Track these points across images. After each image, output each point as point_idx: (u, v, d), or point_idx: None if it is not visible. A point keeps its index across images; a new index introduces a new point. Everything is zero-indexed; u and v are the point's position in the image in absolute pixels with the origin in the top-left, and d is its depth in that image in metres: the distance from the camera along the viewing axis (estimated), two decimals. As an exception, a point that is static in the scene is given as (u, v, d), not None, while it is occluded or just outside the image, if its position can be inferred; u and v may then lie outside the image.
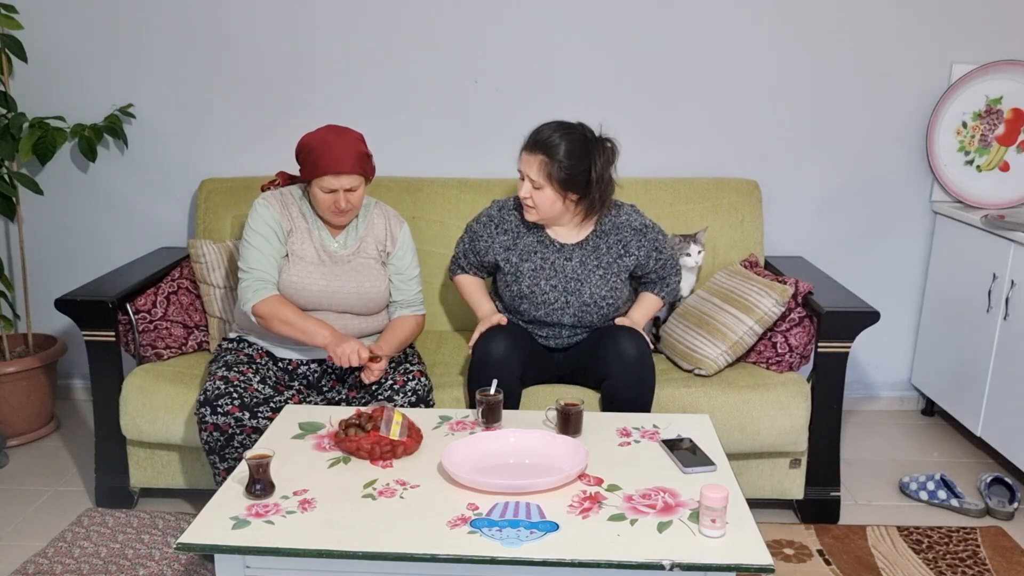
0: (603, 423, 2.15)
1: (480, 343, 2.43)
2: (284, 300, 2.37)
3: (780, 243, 3.30)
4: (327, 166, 2.30)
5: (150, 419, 2.51)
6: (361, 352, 2.25)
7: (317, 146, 2.32)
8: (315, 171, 2.32)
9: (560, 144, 2.36)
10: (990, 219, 2.96)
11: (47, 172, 3.26)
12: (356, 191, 2.36)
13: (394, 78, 3.17)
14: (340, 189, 2.32)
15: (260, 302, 2.35)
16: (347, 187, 2.33)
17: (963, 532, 2.58)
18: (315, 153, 2.31)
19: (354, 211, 2.40)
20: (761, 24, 3.14)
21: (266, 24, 3.13)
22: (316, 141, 2.33)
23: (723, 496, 1.62)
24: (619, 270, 2.52)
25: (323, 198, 2.35)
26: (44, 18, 3.14)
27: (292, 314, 2.34)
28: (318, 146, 2.32)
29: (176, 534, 2.50)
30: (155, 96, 3.20)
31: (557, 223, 2.50)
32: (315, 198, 2.38)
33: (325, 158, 2.30)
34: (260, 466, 1.75)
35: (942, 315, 3.26)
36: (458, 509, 1.72)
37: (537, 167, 2.37)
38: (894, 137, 3.25)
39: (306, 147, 2.35)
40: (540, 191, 2.39)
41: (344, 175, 2.31)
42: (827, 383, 2.59)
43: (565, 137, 2.37)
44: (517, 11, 3.12)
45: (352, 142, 2.34)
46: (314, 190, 2.36)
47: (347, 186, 2.32)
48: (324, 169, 2.30)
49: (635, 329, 2.48)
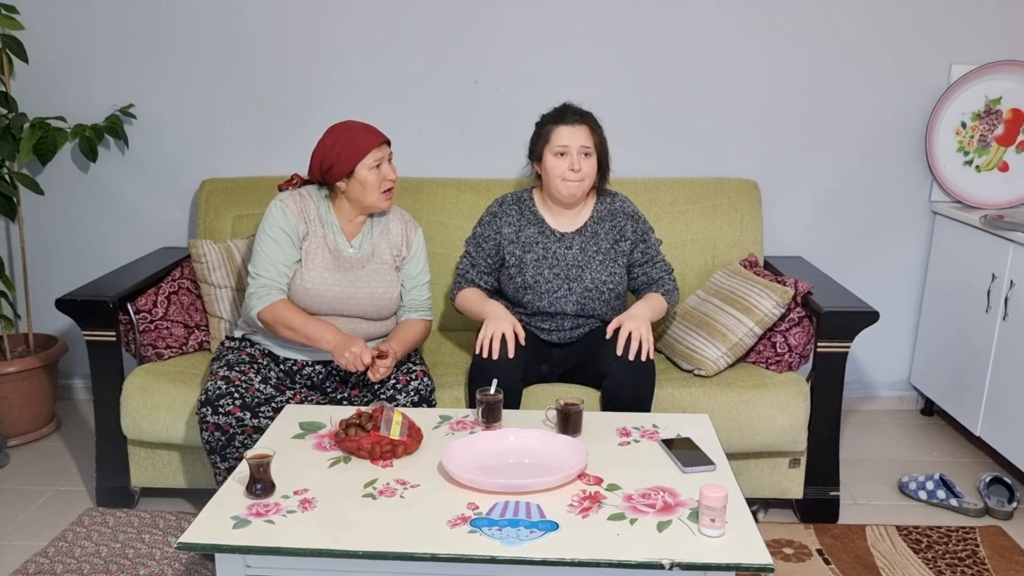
0: (603, 423, 2.15)
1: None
2: (289, 305, 2.37)
3: (780, 243, 3.31)
4: (367, 142, 2.34)
5: (151, 419, 2.51)
6: (364, 357, 2.25)
7: (344, 136, 2.35)
8: (358, 154, 2.33)
9: (590, 115, 2.54)
10: (989, 219, 2.96)
11: (48, 172, 3.26)
12: (391, 162, 2.42)
13: (394, 78, 3.18)
14: (384, 159, 2.37)
15: (265, 308, 2.35)
16: (388, 155, 2.39)
17: (962, 532, 2.58)
18: (349, 141, 2.34)
19: (395, 186, 2.44)
20: (761, 24, 3.14)
21: (266, 24, 3.13)
22: (338, 134, 2.36)
23: (722, 496, 1.62)
24: (617, 255, 2.56)
25: (373, 178, 2.36)
26: (44, 18, 3.14)
27: (297, 320, 2.34)
28: (345, 135, 2.35)
29: (177, 533, 2.51)
30: (156, 96, 3.20)
31: (577, 202, 2.56)
32: (363, 185, 2.37)
33: (360, 139, 2.34)
34: (261, 466, 1.76)
35: (941, 315, 3.26)
36: (458, 508, 1.73)
37: (586, 133, 2.50)
38: (893, 137, 3.25)
39: (333, 146, 2.35)
40: (589, 158, 2.50)
41: (384, 144, 2.38)
42: (826, 383, 2.59)
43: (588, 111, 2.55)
44: (517, 11, 3.12)
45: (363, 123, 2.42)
46: (359, 177, 2.36)
47: (388, 154, 2.39)
48: (366, 146, 2.34)
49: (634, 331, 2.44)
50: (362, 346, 2.27)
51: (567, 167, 2.47)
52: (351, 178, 2.36)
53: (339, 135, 2.35)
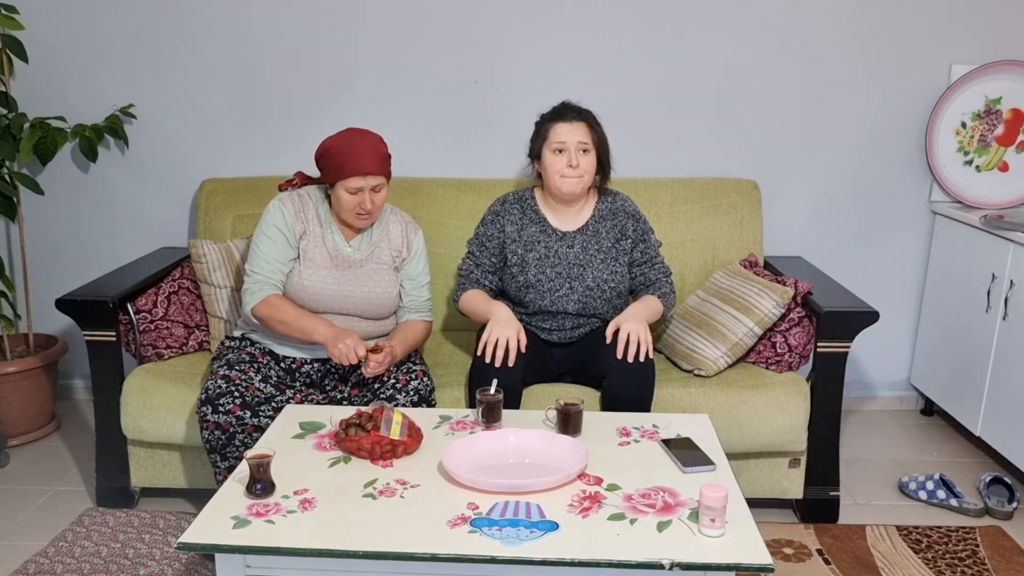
0: (603, 423, 2.15)
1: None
2: (283, 300, 2.38)
3: (780, 243, 3.31)
4: (353, 167, 2.30)
5: (151, 419, 2.51)
6: (359, 349, 2.25)
7: (342, 148, 2.32)
8: (340, 173, 2.32)
9: (588, 112, 2.54)
10: (989, 219, 2.96)
11: (48, 172, 3.26)
12: (380, 192, 2.38)
13: (394, 78, 3.18)
14: (366, 189, 2.33)
15: (258, 304, 2.36)
16: (373, 186, 2.34)
17: (962, 532, 2.58)
18: (340, 155, 2.32)
19: (377, 213, 2.41)
20: (760, 24, 3.14)
21: (266, 24, 3.13)
22: (340, 143, 2.34)
23: (722, 496, 1.62)
24: (618, 254, 2.56)
25: (348, 200, 2.35)
26: (45, 18, 3.14)
27: (289, 313, 2.34)
28: (343, 148, 2.32)
29: (177, 533, 2.51)
30: (156, 96, 3.20)
31: (578, 200, 2.56)
32: (339, 200, 2.37)
33: (351, 159, 2.31)
34: (261, 465, 1.76)
35: (941, 315, 3.26)
36: (458, 508, 1.73)
37: (584, 130, 2.50)
38: (893, 137, 3.25)
39: (329, 150, 2.35)
40: (588, 155, 2.50)
41: (370, 175, 2.33)
42: (826, 383, 2.59)
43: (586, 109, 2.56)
44: (517, 11, 3.12)
45: (375, 143, 2.36)
46: (338, 192, 2.36)
47: (373, 184, 2.34)
48: (351, 170, 2.31)
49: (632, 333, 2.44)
50: (356, 339, 2.27)
51: (565, 163, 2.47)
52: (333, 188, 2.38)
53: (339, 144, 2.34)
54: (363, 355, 2.26)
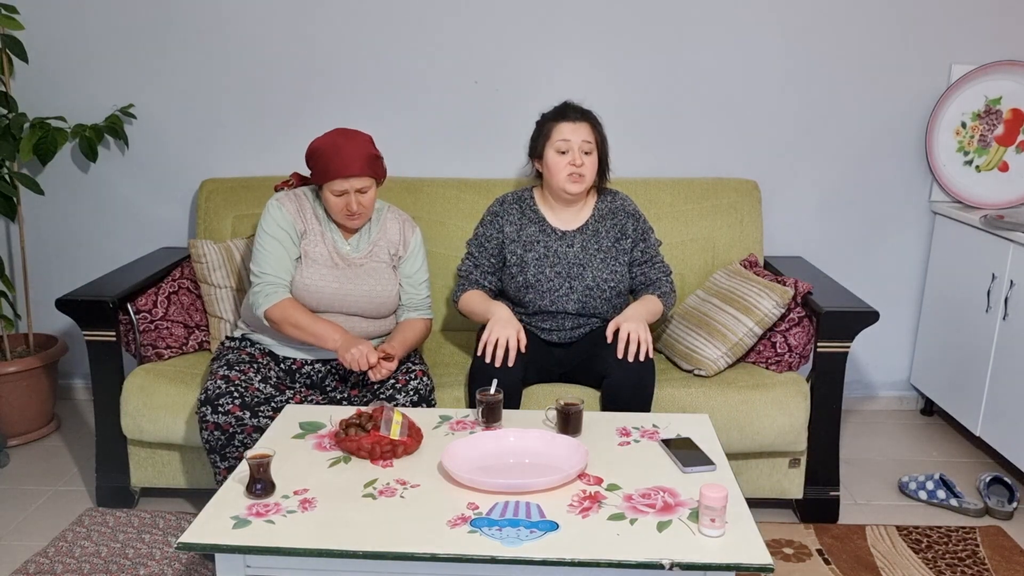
0: (603, 423, 2.15)
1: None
2: (296, 304, 2.38)
3: (779, 243, 3.31)
4: (337, 169, 2.30)
5: (151, 419, 2.51)
6: (371, 357, 2.26)
7: (327, 150, 2.32)
8: (326, 175, 2.33)
9: (591, 113, 2.55)
10: (989, 219, 2.96)
11: (48, 172, 3.26)
12: (367, 193, 2.37)
13: (394, 78, 3.18)
14: (351, 191, 2.33)
15: (272, 307, 2.35)
16: (358, 188, 2.34)
17: (962, 532, 2.58)
18: (325, 157, 2.32)
19: (366, 214, 2.41)
20: (760, 24, 3.14)
21: (266, 24, 3.13)
22: (325, 145, 2.34)
23: (722, 496, 1.62)
24: (618, 253, 2.56)
25: (334, 201, 2.36)
26: (44, 18, 3.14)
27: (303, 318, 2.35)
28: (328, 150, 2.32)
29: (177, 533, 2.51)
30: (156, 96, 3.20)
31: (578, 199, 2.57)
32: (327, 202, 2.38)
33: (335, 161, 2.30)
34: (261, 465, 1.76)
35: (941, 315, 3.26)
36: (458, 508, 1.73)
37: (587, 131, 2.51)
38: (893, 137, 3.25)
39: (316, 151, 2.35)
40: (590, 155, 2.51)
41: (354, 177, 2.32)
42: (826, 383, 2.59)
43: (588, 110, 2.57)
44: (517, 12, 3.12)
45: (361, 144, 2.35)
46: (326, 194, 2.37)
47: (357, 187, 2.33)
48: (335, 172, 2.31)
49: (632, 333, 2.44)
50: (369, 347, 2.29)
51: (569, 163, 2.48)
52: (322, 189, 2.39)
53: (324, 146, 2.34)
54: (375, 362, 2.27)
